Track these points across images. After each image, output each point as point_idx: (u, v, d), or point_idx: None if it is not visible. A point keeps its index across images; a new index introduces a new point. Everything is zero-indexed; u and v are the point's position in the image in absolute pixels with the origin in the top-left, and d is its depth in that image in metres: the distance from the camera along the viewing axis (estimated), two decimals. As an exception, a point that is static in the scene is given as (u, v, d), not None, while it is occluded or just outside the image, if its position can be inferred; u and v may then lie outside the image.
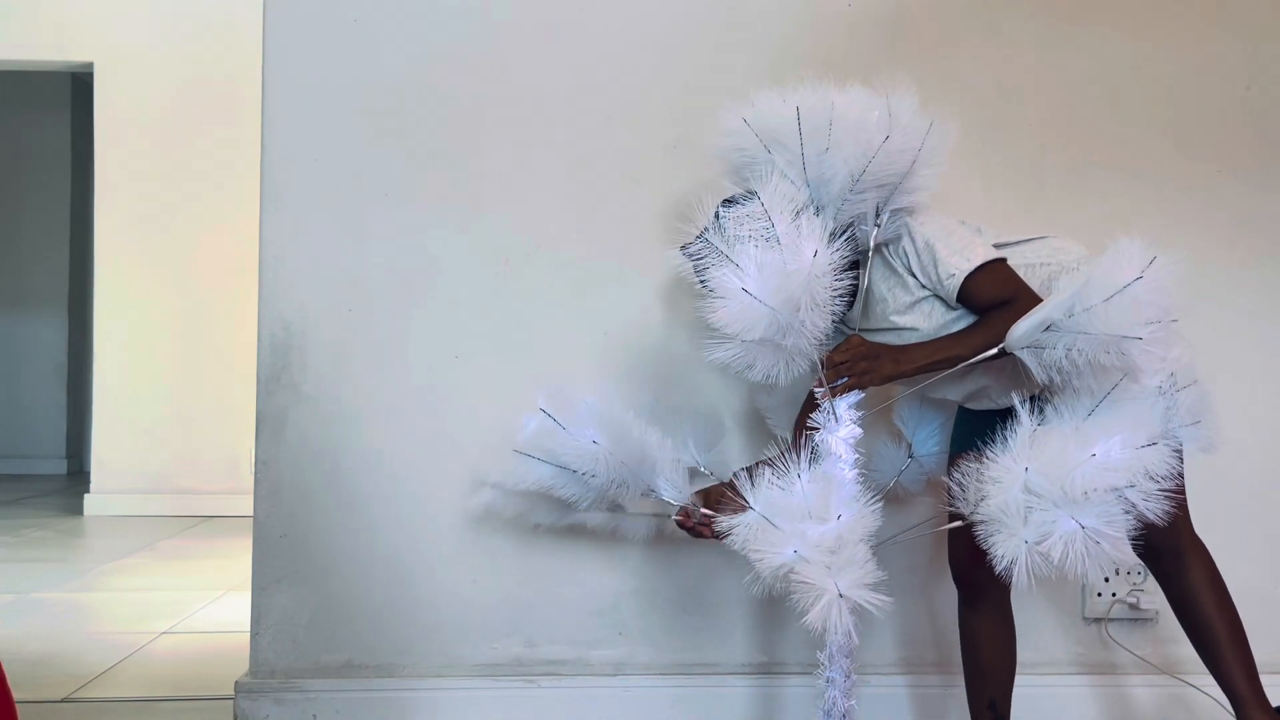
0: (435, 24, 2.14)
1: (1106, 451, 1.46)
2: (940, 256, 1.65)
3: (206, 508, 4.96)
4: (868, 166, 1.62)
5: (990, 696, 1.88)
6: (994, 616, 1.87)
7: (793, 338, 1.51)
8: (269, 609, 2.10)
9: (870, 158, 1.61)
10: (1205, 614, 1.76)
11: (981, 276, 1.64)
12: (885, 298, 1.72)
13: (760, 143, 1.65)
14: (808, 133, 1.61)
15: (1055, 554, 1.47)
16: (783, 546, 1.51)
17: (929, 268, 1.67)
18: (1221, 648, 1.75)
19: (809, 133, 1.61)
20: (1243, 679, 1.73)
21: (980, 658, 1.89)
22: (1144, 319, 1.47)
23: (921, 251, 1.67)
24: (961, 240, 1.67)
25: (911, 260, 1.68)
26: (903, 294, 1.70)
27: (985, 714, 1.88)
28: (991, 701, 1.88)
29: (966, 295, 1.65)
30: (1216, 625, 1.76)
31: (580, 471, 1.71)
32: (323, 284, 2.11)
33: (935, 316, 1.69)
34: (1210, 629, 1.76)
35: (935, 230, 1.68)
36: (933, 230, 1.68)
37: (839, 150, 1.61)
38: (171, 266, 5.04)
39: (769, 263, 1.47)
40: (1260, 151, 2.25)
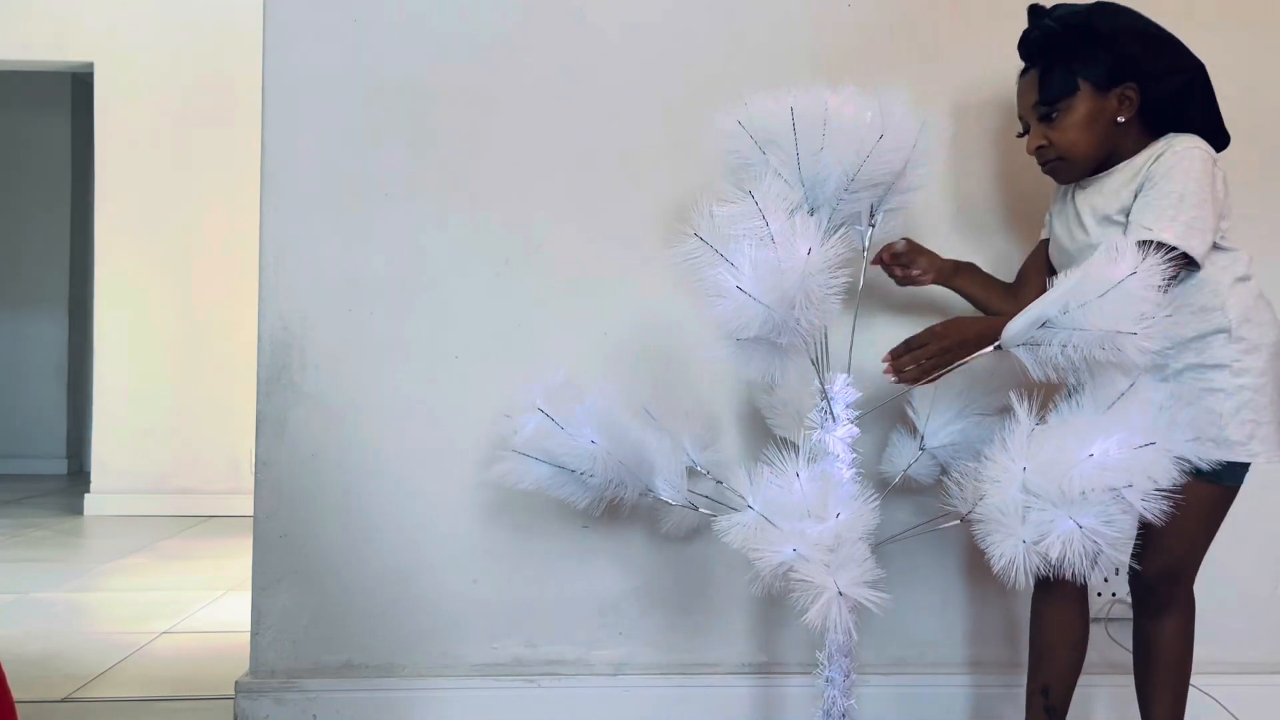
0: (435, 24, 2.14)
1: (1105, 451, 1.47)
2: (1164, 205, 1.61)
3: (206, 508, 4.96)
4: (862, 166, 1.62)
5: (1044, 682, 1.80)
6: (1061, 603, 1.80)
7: (788, 336, 1.52)
8: (269, 609, 2.10)
9: (864, 157, 1.62)
10: (1164, 664, 1.77)
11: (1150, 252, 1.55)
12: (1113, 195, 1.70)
13: (755, 144, 1.65)
14: (802, 133, 1.61)
15: (1053, 553, 1.47)
16: (782, 545, 1.51)
17: (1144, 204, 1.64)
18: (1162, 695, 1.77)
19: (803, 133, 1.61)
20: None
21: (1040, 640, 1.83)
22: (1138, 314, 1.47)
23: (1164, 185, 1.63)
24: (1193, 211, 1.62)
25: (1147, 184, 1.65)
26: (1104, 202, 1.71)
27: (1037, 699, 1.81)
28: (1045, 688, 1.80)
29: None
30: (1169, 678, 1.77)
31: (578, 471, 1.72)
32: (323, 284, 2.11)
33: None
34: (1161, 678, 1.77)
35: (1193, 183, 1.63)
36: (1190, 182, 1.63)
37: (833, 150, 1.62)
38: (171, 266, 5.04)
39: (763, 261, 1.47)
40: (1260, 151, 2.26)
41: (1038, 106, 1.72)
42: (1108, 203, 1.72)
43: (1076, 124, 1.70)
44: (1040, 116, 1.72)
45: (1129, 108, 1.71)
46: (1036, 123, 1.73)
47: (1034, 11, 1.73)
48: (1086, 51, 1.68)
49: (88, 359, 5.55)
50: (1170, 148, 1.68)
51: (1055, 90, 1.69)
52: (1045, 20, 1.70)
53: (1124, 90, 1.70)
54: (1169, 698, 1.77)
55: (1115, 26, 1.69)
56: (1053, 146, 1.72)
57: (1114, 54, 1.68)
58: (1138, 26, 1.71)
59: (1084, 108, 1.69)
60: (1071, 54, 1.68)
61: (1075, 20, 1.69)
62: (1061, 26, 1.68)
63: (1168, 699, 1.77)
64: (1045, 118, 1.72)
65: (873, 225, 1.69)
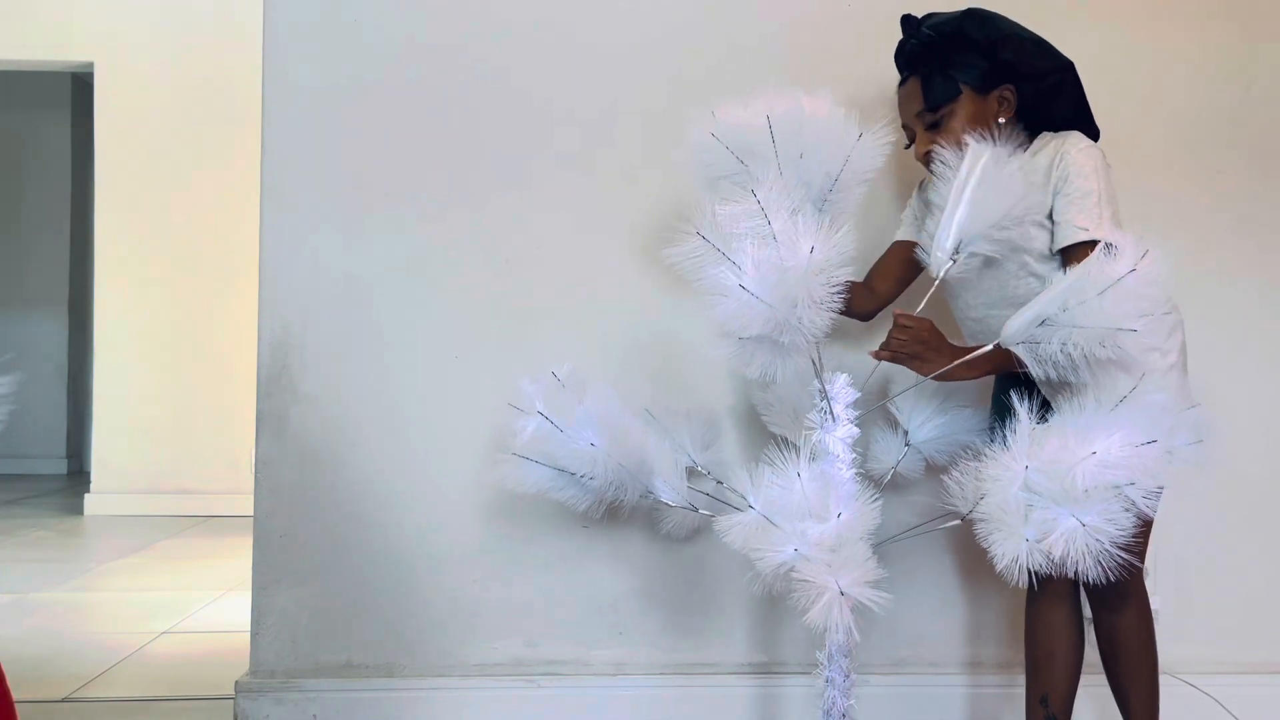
0: (435, 24, 2.14)
1: (1107, 449, 1.46)
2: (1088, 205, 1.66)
3: (206, 508, 4.96)
4: (845, 165, 1.62)
5: (1042, 691, 1.81)
6: (1054, 610, 1.82)
7: (790, 335, 1.51)
8: (269, 609, 2.10)
9: (846, 157, 1.61)
10: (1132, 654, 1.78)
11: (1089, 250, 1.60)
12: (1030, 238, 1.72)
13: (732, 155, 1.64)
14: (780, 139, 1.60)
15: (1056, 551, 1.47)
16: (783, 545, 1.51)
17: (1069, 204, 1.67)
18: (1136, 687, 1.78)
19: (782, 139, 1.60)
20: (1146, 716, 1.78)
21: (1036, 648, 1.84)
22: (1138, 311, 1.48)
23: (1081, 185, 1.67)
24: (1109, 208, 1.68)
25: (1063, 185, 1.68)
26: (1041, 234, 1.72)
27: (1037, 708, 1.82)
28: (1044, 697, 1.81)
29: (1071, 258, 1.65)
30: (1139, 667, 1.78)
31: (578, 474, 1.71)
32: (323, 284, 2.11)
33: None
34: (1132, 668, 1.78)
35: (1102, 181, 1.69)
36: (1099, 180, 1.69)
37: (813, 154, 1.61)
38: (171, 266, 5.04)
39: (766, 260, 1.47)
40: (1260, 151, 2.26)
41: (923, 114, 1.76)
42: None
43: (960, 128, 1.73)
44: (927, 124, 1.76)
45: (1008, 108, 1.77)
46: (923, 130, 1.77)
47: (907, 22, 1.79)
48: (962, 57, 1.74)
49: (88, 359, 5.55)
50: (1069, 147, 1.72)
51: (938, 96, 1.74)
52: (922, 30, 1.76)
53: (1002, 92, 1.76)
54: (1145, 688, 1.79)
55: (988, 33, 1.74)
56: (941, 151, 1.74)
57: (988, 58, 1.74)
58: (1008, 31, 1.76)
59: (966, 111, 1.74)
60: (948, 61, 1.74)
61: (949, 28, 1.74)
62: (938, 35, 1.74)
63: (1144, 689, 1.79)
64: (932, 125, 1.76)
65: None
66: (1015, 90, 1.76)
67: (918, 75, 1.76)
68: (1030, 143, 1.78)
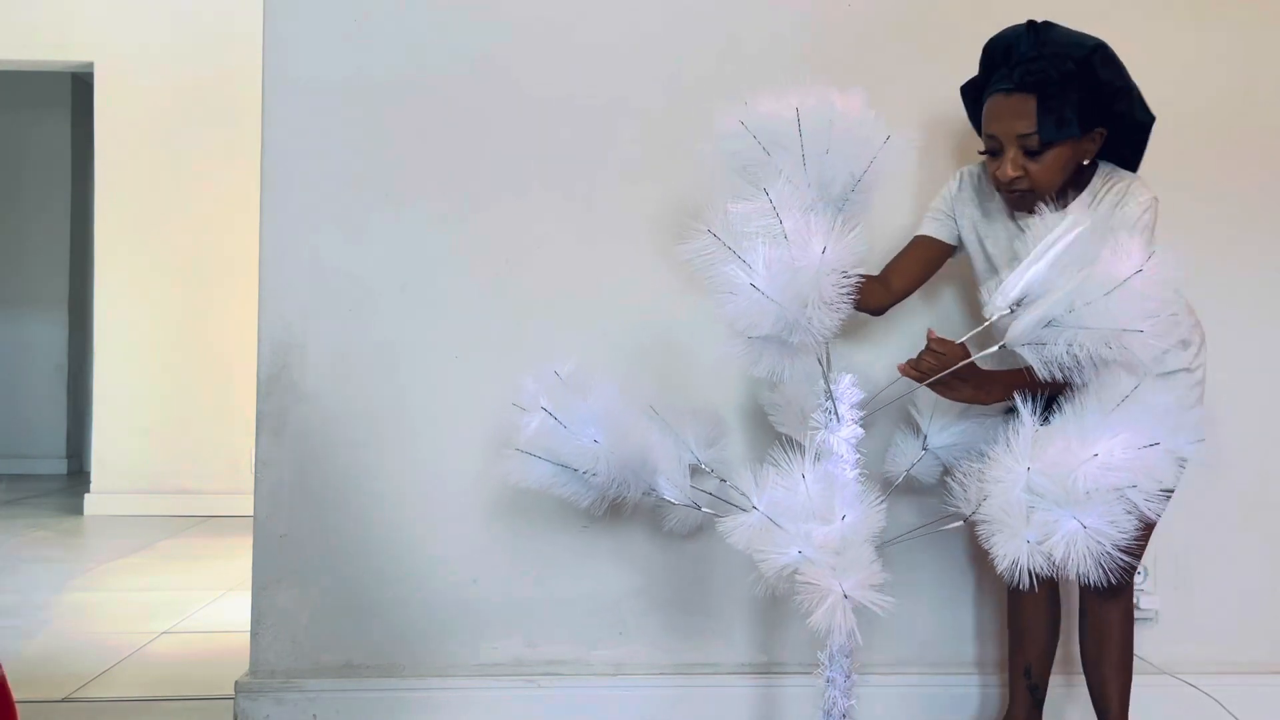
0: (435, 24, 2.14)
1: (1109, 451, 1.46)
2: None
3: (206, 508, 4.95)
4: (869, 166, 1.61)
5: (1026, 663, 1.94)
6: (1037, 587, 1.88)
7: (799, 334, 1.51)
8: (269, 609, 2.10)
9: (872, 158, 1.61)
10: (1116, 645, 1.85)
11: None
12: None
13: (760, 145, 1.65)
14: (808, 134, 1.60)
15: (1057, 554, 1.47)
16: (787, 547, 1.50)
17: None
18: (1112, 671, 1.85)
19: (809, 134, 1.60)
20: (1118, 706, 1.86)
21: (1018, 623, 1.97)
22: (1144, 312, 1.47)
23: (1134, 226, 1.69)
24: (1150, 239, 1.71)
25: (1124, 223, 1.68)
26: None
27: (1021, 680, 1.95)
28: (1026, 668, 1.94)
29: None
30: (1123, 658, 1.86)
31: (581, 470, 1.71)
32: (323, 284, 2.11)
33: None
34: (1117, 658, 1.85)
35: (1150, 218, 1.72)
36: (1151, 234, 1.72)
37: (840, 151, 1.61)
38: (171, 266, 5.04)
39: (777, 259, 1.47)
40: (1260, 151, 2.25)
41: (1029, 138, 1.69)
42: None
43: (1056, 164, 1.71)
44: (1025, 148, 1.70)
45: (1093, 150, 1.76)
46: (1018, 152, 1.71)
47: (1034, 33, 1.71)
48: (1084, 96, 1.69)
49: (88, 359, 5.55)
50: (1130, 200, 1.73)
51: (1057, 133, 1.68)
52: (1056, 53, 1.68)
53: (1096, 133, 1.75)
54: (1122, 676, 1.86)
55: (1111, 79, 1.71)
56: (1028, 178, 1.72)
57: (1102, 102, 1.71)
58: (1127, 81, 1.74)
59: (1067, 150, 1.72)
60: (1075, 100, 1.68)
61: (1079, 62, 1.68)
62: (1076, 66, 1.68)
63: (1121, 677, 1.86)
64: (1031, 151, 1.70)
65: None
66: (1105, 134, 1.75)
67: (1035, 96, 1.68)
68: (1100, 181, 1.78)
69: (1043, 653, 1.97)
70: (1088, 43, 1.70)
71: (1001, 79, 1.72)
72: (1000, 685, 2.15)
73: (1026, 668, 1.95)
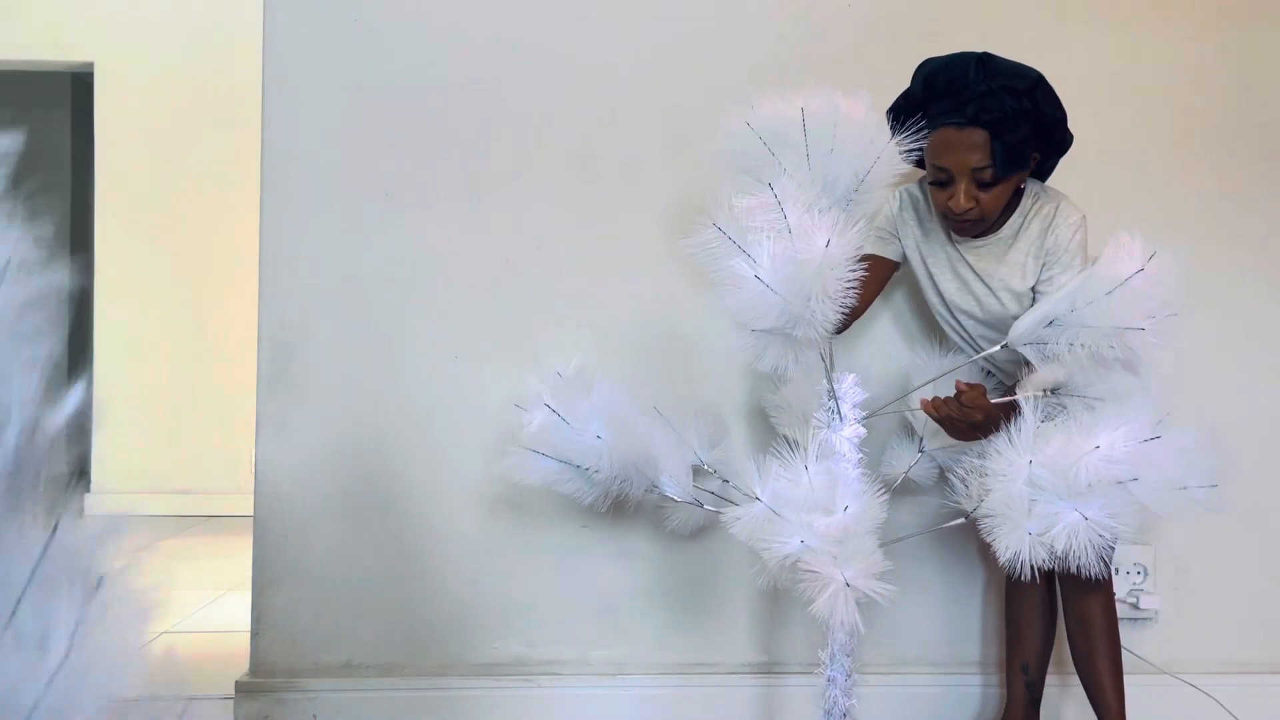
0: (435, 24, 2.14)
1: (1110, 444, 1.47)
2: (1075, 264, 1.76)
3: (206, 508, 4.95)
4: (873, 167, 1.62)
5: (1024, 659, 1.99)
6: (1035, 586, 1.94)
7: (803, 328, 1.51)
8: (269, 609, 2.10)
9: (875, 158, 1.61)
10: (1100, 631, 1.87)
11: None
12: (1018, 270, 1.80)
13: (764, 145, 1.65)
14: (812, 133, 1.61)
15: (1059, 545, 1.48)
16: (790, 536, 1.51)
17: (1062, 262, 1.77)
18: (1103, 663, 1.87)
19: (814, 133, 1.61)
20: (1114, 694, 1.87)
21: (1016, 620, 2.01)
22: (1146, 311, 1.49)
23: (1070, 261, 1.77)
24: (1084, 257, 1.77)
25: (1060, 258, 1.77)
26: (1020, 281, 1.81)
27: (1018, 677, 1.99)
28: (1024, 666, 1.99)
29: None
30: (1106, 644, 1.87)
31: (585, 467, 1.71)
32: (323, 284, 2.11)
33: None
34: (1099, 645, 1.87)
35: (1080, 257, 1.78)
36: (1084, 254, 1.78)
37: (844, 151, 1.61)
38: (171, 266, 5.03)
39: (781, 252, 1.47)
40: (1260, 151, 2.26)
41: (983, 171, 1.73)
42: (1013, 276, 1.82)
43: (1006, 192, 1.77)
44: (978, 181, 1.74)
45: (1028, 175, 1.82)
46: (970, 184, 1.74)
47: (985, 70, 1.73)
48: (1033, 131, 1.75)
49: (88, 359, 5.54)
50: (1059, 222, 1.80)
51: (1015, 167, 1.73)
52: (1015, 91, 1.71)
53: (1032, 159, 1.80)
54: (1113, 666, 1.87)
55: (1053, 112, 1.77)
56: (979, 208, 1.76)
57: (1044, 132, 1.77)
58: (1062, 110, 1.79)
59: (1015, 180, 1.78)
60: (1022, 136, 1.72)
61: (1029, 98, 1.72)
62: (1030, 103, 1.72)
63: (1113, 667, 1.87)
64: (984, 183, 1.74)
65: None
66: (1038, 158, 1.82)
67: (987, 131, 1.71)
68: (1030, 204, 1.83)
69: (1039, 652, 2.00)
70: (1030, 74, 1.74)
71: (952, 112, 1.73)
72: (1000, 685, 2.15)
73: (1024, 666, 1.99)
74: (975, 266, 1.85)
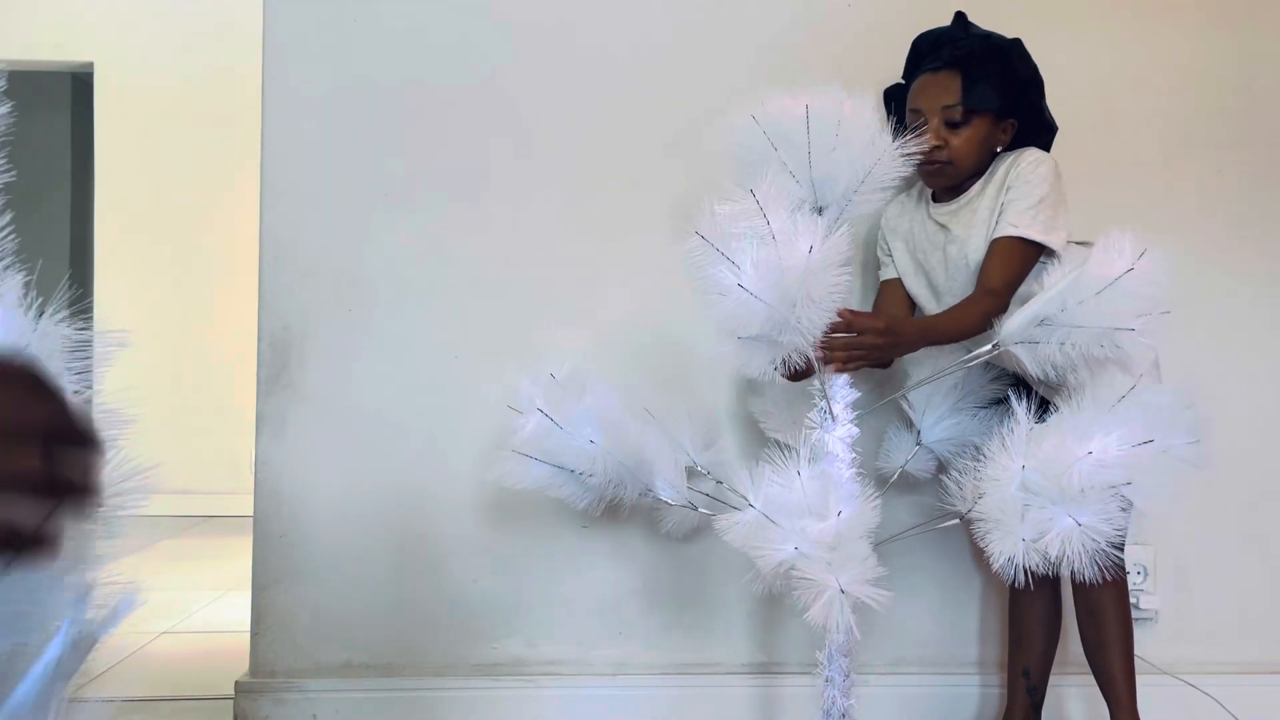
0: (435, 24, 2.14)
1: (1104, 449, 1.47)
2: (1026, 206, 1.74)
3: (206, 508, 4.95)
4: (873, 169, 1.62)
5: (1026, 663, 1.98)
6: (1039, 589, 1.92)
7: (789, 334, 1.51)
8: (269, 609, 2.10)
9: (876, 159, 1.62)
10: (1109, 621, 1.85)
11: (1019, 246, 1.74)
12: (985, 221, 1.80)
13: (768, 139, 1.66)
14: (815, 130, 1.61)
15: (1053, 551, 1.47)
16: (783, 543, 1.51)
17: (1009, 205, 1.76)
18: (1115, 654, 1.85)
19: (816, 130, 1.61)
20: (1124, 685, 1.85)
21: (1019, 624, 2.00)
22: (1136, 311, 1.49)
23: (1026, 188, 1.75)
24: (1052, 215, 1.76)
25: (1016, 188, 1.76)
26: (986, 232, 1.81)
27: (1019, 681, 1.98)
28: (1025, 669, 1.98)
29: (996, 247, 1.75)
30: (1118, 635, 1.86)
31: (578, 471, 1.71)
32: (323, 284, 2.11)
33: None
34: (1111, 636, 1.85)
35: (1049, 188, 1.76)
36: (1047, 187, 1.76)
37: (845, 150, 1.61)
38: (171, 266, 5.04)
39: (765, 259, 1.47)
40: (1260, 151, 2.26)
41: (953, 108, 1.78)
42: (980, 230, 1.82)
43: (974, 138, 1.79)
44: (948, 120, 1.78)
45: (1005, 140, 1.83)
46: (941, 124, 1.79)
47: (961, 21, 1.83)
48: (1001, 81, 1.79)
49: (87, 359, 5.53)
50: (1022, 159, 1.80)
51: (979, 101, 1.77)
52: (990, 39, 1.80)
53: (1009, 123, 1.83)
54: (1124, 659, 1.86)
55: (1026, 69, 1.82)
56: (947, 149, 1.79)
57: (1018, 88, 1.81)
58: (1037, 77, 1.84)
59: (983, 127, 1.80)
60: (991, 75, 1.78)
61: (999, 49, 1.80)
62: (999, 49, 1.78)
63: (1123, 660, 1.86)
64: (953, 123, 1.78)
65: None
66: (1016, 126, 1.84)
67: (959, 73, 1.78)
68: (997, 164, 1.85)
69: (1042, 655, 1.99)
70: (1006, 37, 1.82)
71: (930, 60, 1.82)
72: (1000, 686, 2.15)
73: (1025, 669, 1.98)
74: (953, 230, 1.85)
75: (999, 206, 1.78)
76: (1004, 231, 1.75)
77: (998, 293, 1.72)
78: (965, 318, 1.71)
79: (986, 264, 1.77)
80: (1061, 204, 1.78)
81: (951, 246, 1.85)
